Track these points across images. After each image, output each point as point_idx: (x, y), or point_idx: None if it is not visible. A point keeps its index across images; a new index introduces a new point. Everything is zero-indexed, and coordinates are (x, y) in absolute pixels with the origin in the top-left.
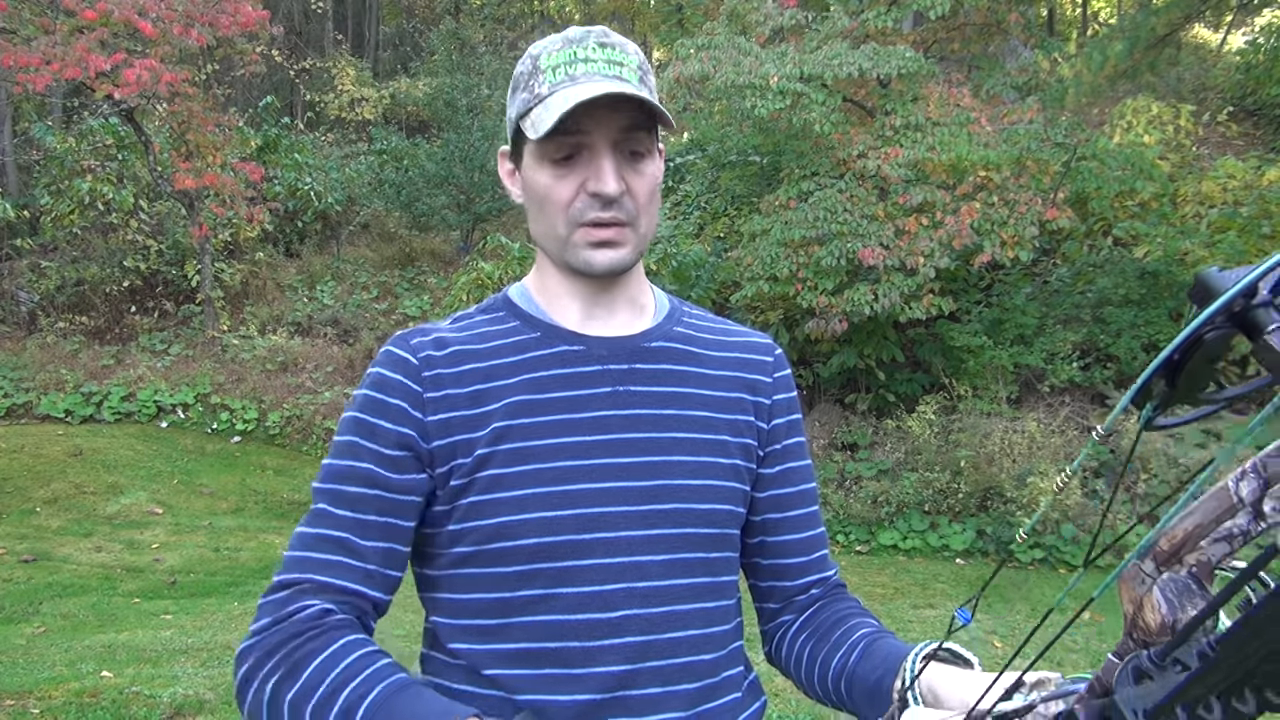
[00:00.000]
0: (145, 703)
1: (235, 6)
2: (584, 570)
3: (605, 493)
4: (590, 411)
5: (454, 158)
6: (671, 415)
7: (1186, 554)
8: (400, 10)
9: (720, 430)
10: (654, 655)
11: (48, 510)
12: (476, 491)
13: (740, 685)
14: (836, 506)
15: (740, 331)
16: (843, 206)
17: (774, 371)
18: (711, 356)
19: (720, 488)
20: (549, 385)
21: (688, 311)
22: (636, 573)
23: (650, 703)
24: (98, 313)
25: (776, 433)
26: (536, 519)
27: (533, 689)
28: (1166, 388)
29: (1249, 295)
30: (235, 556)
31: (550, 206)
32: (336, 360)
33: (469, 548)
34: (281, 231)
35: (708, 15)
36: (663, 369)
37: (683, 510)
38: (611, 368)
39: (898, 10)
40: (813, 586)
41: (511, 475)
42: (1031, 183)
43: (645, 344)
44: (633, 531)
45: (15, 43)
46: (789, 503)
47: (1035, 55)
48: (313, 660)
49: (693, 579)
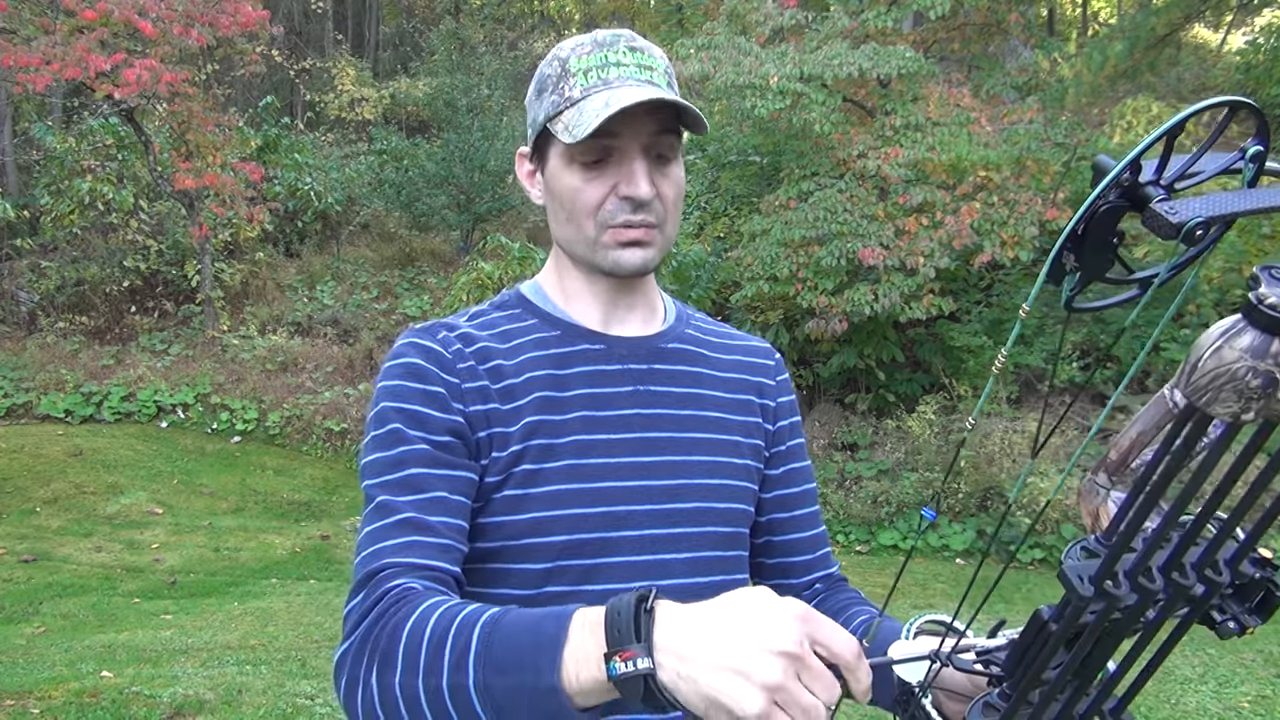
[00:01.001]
0: (145, 703)
1: (235, 6)
2: (610, 568)
3: (631, 490)
4: (614, 410)
5: (454, 158)
6: (689, 415)
7: (1133, 460)
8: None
9: (733, 431)
10: None
11: (48, 510)
12: (512, 485)
13: None
14: (836, 506)
15: (740, 335)
16: (843, 206)
17: (776, 375)
18: (720, 359)
19: (735, 487)
20: (572, 383)
21: (692, 315)
22: (661, 570)
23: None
24: (98, 313)
25: (781, 434)
26: (568, 515)
27: None
28: (1076, 263)
29: (1136, 173)
30: (235, 556)
31: (580, 208)
32: (336, 360)
33: (497, 543)
34: (281, 231)
35: (708, 15)
36: (679, 370)
37: (703, 509)
38: (632, 367)
39: (898, 10)
40: (816, 582)
41: (546, 471)
42: (1031, 183)
43: (662, 345)
44: (657, 529)
45: (15, 43)
46: (793, 502)
47: (1035, 55)
48: (401, 634)
49: (712, 577)
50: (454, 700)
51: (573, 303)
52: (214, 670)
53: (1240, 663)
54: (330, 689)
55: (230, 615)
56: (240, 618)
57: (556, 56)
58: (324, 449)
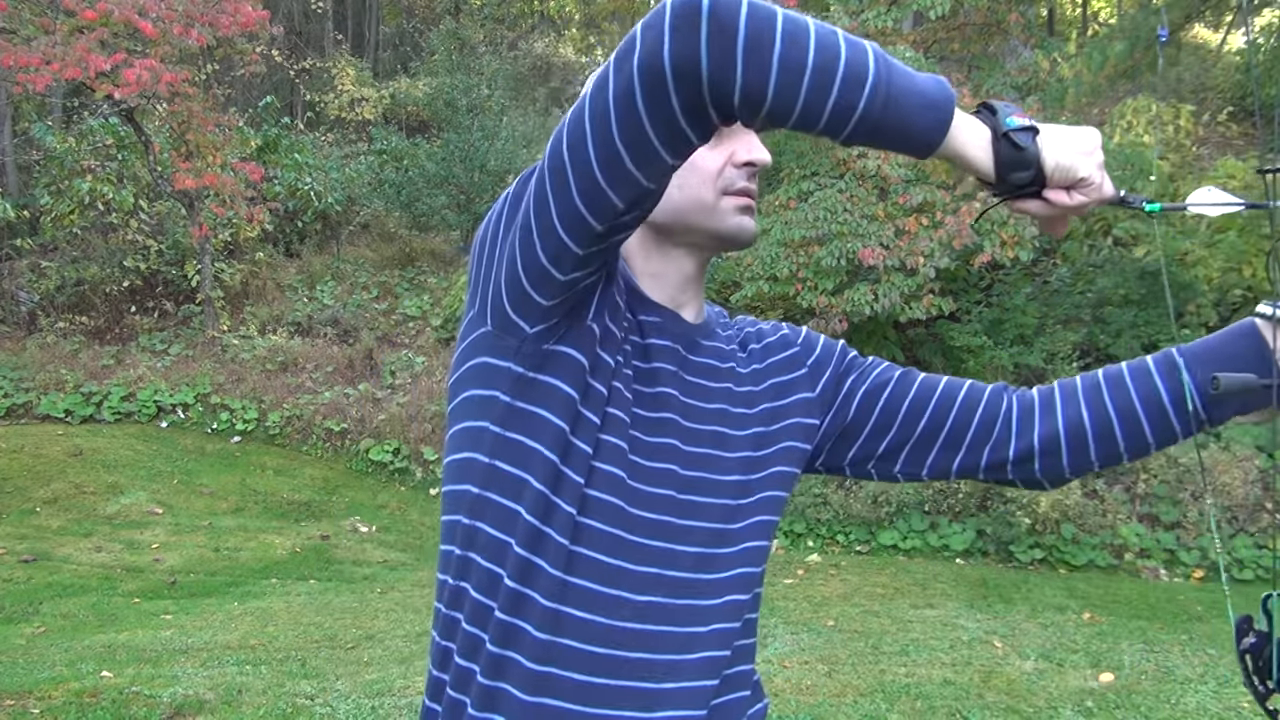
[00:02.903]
0: (145, 703)
1: (235, 6)
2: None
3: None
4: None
5: (454, 158)
6: (716, 410)
7: None
8: (400, 10)
9: (750, 425)
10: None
11: (48, 510)
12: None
13: (749, 683)
14: (836, 506)
15: (749, 322)
16: (843, 206)
17: (793, 345)
18: (734, 351)
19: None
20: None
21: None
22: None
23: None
24: (98, 313)
25: (836, 382)
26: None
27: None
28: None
29: None
30: (235, 556)
31: (698, 175)
32: (336, 360)
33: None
34: (281, 231)
35: None
36: (708, 364)
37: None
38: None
39: (898, 10)
40: (998, 403)
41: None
42: None
43: (701, 340)
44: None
45: (15, 43)
46: (900, 388)
47: (1035, 55)
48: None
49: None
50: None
51: (645, 283)
52: (214, 670)
53: None
54: (330, 689)
55: (230, 615)
56: (240, 618)
57: None
58: (324, 449)
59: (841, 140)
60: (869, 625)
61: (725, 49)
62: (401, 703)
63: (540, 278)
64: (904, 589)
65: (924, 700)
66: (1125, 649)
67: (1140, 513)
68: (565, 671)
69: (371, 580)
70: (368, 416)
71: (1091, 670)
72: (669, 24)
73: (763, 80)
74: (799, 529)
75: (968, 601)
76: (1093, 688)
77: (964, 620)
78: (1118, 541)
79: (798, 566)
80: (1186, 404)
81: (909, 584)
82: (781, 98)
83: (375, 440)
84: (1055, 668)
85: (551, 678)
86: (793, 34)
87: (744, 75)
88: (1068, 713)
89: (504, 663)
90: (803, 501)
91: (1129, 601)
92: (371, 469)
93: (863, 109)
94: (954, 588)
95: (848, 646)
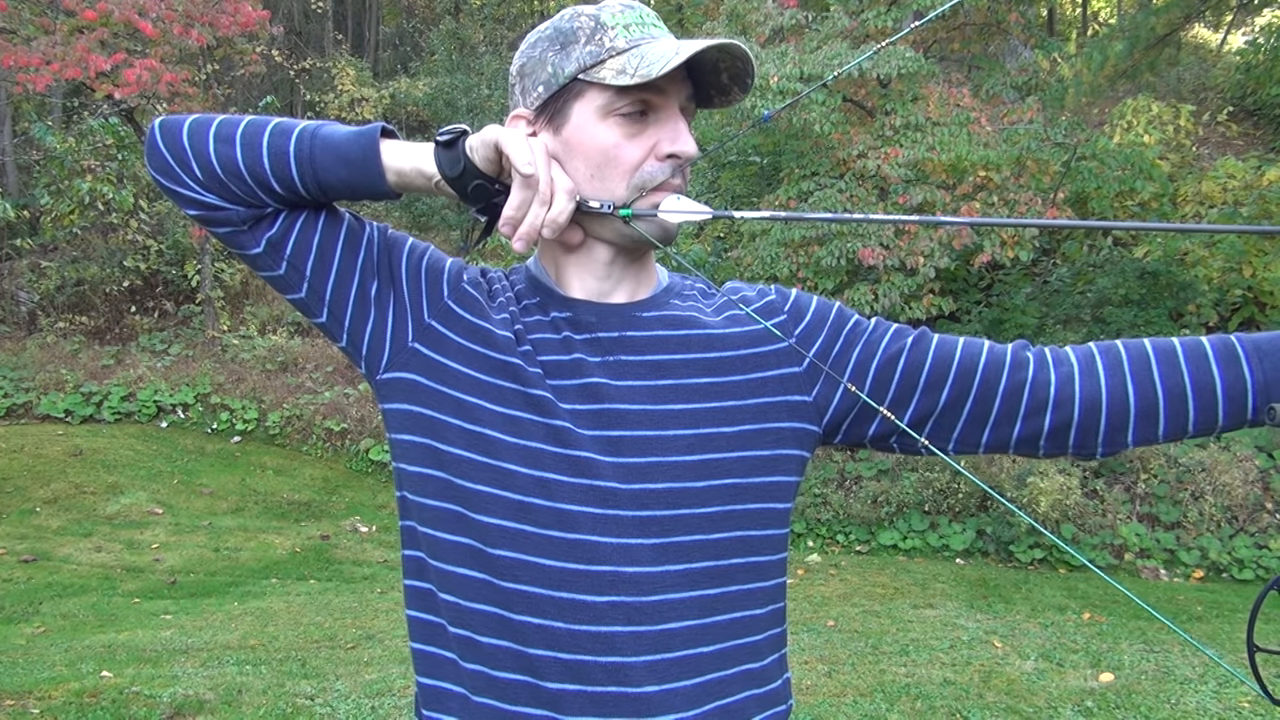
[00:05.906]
0: (145, 703)
1: (235, 6)
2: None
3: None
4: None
5: None
6: (666, 386)
7: None
8: (400, 10)
9: (727, 397)
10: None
11: (48, 510)
12: None
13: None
14: (836, 506)
15: (739, 289)
16: (842, 206)
17: (780, 312)
18: (712, 321)
19: (725, 461)
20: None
21: (693, 283)
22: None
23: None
24: (98, 313)
25: (841, 357)
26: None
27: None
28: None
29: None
30: (235, 556)
31: (616, 165)
32: (336, 360)
33: None
34: None
35: (708, 15)
36: (654, 336)
37: (678, 490)
38: (601, 336)
39: (898, 10)
40: (1048, 375)
41: None
42: (1031, 183)
43: (638, 313)
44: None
45: (15, 43)
46: (940, 371)
47: (1035, 55)
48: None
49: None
50: (271, 141)
51: (565, 272)
52: (214, 670)
53: (1240, 663)
54: (330, 689)
55: (230, 615)
56: (240, 618)
57: (582, 12)
58: (324, 449)
59: (315, 194)
60: (869, 625)
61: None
62: (401, 703)
63: None
64: (904, 589)
65: (924, 700)
66: (1125, 649)
67: (1140, 512)
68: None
69: (371, 580)
70: (368, 416)
71: (1091, 670)
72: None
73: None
74: (799, 529)
75: (968, 601)
76: (1093, 688)
77: (964, 620)
78: (1118, 541)
79: (798, 566)
80: (1239, 400)
81: (909, 584)
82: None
83: (375, 440)
84: (1055, 668)
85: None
86: (223, 135)
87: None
88: (1068, 713)
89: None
90: (803, 501)
91: (1129, 601)
92: (371, 469)
93: (296, 171)
94: (954, 588)
95: (848, 646)
